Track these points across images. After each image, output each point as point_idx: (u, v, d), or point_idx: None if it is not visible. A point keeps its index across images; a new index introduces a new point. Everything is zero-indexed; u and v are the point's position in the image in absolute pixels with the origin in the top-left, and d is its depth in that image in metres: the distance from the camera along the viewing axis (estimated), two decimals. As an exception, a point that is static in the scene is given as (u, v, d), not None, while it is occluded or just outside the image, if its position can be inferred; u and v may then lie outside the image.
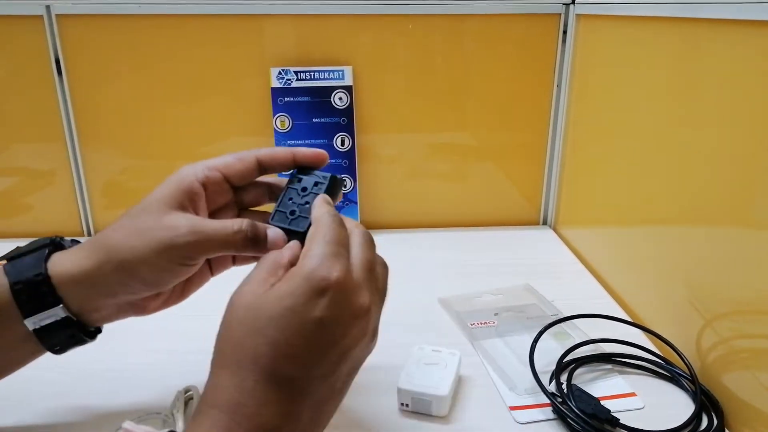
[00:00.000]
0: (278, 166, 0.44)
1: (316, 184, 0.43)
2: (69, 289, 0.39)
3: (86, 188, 0.83)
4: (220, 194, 0.44)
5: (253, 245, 0.40)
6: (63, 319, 0.39)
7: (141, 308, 0.43)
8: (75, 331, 0.40)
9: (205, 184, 0.42)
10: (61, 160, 0.81)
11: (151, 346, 0.56)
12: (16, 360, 0.42)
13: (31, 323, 0.39)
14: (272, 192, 0.46)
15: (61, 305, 0.39)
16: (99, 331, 0.43)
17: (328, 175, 0.43)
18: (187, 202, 0.41)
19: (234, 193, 0.45)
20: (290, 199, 0.43)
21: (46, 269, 0.39)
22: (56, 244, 0.41)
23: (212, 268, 0.46)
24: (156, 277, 0.40)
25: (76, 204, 0.83)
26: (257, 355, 0.33)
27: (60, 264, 0.39)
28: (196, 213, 0.41)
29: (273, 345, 0.33)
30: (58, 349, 0.41)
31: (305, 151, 0.44)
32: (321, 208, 0.40)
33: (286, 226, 0.42)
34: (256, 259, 0.44)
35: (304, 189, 0.43)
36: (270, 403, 0.32)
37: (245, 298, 0.35)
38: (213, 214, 0.44)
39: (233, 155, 0.43)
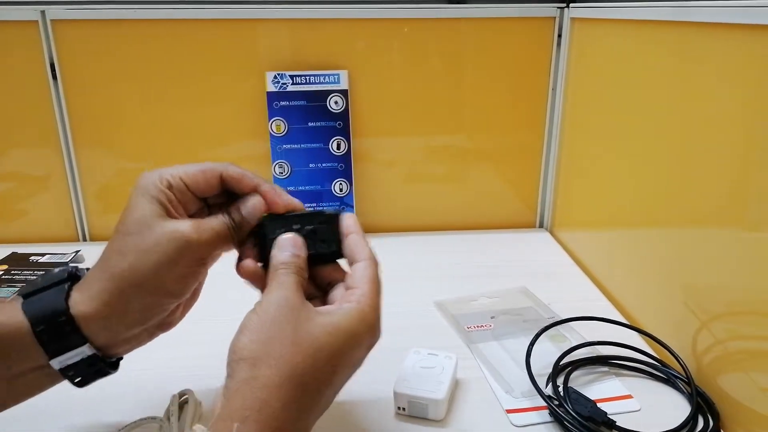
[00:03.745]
0: (240, 191, 0.44)
1: (323, 241, 0.43)
2: (95, 326, 0.38)
3: (81, 193, 0.83)
4: (186, 202, 0.42)
5: (239, 234, 0.42)
6: (89, 356, 0.39)
7: (168, 324, 0.43)
8: (101, 366, 0.40)
9: (170, 189, 0.41)
10: (55, 165, 0.81)
11: (152, 351, 0.56)
12: (36, 388, 0.41)
13: (57, 363, 0.38)
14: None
15: (87, 344, 0.38)
16: (120, 358, 0.43)
17: (336, 249, 0.43)
18: (169, 207, 0.40)
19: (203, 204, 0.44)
20: (295, 226, 0.42)
21: (68, 308, 0.38)
22: (73, 277, 0.40)
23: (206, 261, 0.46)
24: (181, 285, 0.40)
25: (71, 209, 0.83)
26: (315, 380, 0.35)
27: (82, 303, 0.38)
28: (173, 212, 0.41)
29: (329, 377, 0.36)
30: (82, 382, 0.40)
31: (268, 194, 0.43)
32: (365, 246, 0.42)
33: (269, 237, 0.41)
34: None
35: (313, 232, 0.43)
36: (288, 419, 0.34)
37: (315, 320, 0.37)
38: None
39: (197, 165, 0.43)
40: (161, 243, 0.38)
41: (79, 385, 0.40)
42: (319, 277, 0.43)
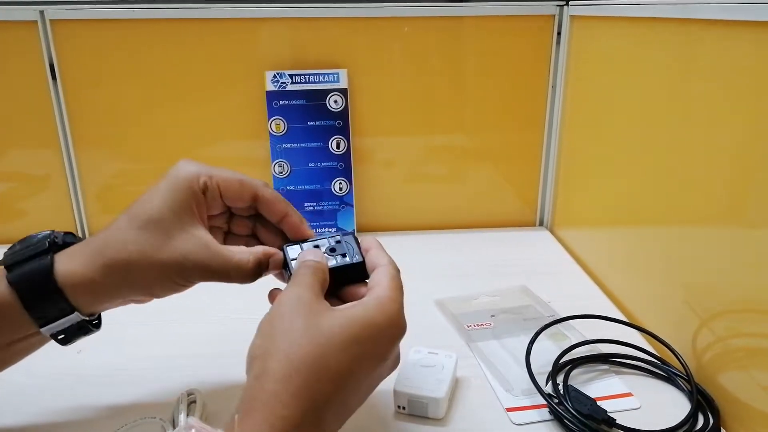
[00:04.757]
0: (269, 214, 0.45)
1: (344, 255, 0.43)
2: (80, 295, 0.39)
3: (81, 193, 0.83)
4: (213, 205, 0.44)
5: (253, 277, 0.42)
6: (78, 322, 0.40)
7: (143, 301, 0.44)
8: (85, 325, 0.41)
9: (203, 191, 0.42)
10: (55, 165, 0.81)
11: (151, 351, 0.56)
12: (24, 349, 0.42)
13: (48, 330, 0.40)
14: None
15: (76, 312, 0.40)
16: (100, 318, 0.44)
17: (360, 260, 0.43)
18: (195, 208, 0.41)
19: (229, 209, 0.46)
20: (317, 245, 0.43)
21: (56, 281, 0.38)
22: (53, 244, 0.41)
23: None
24: (164, 291, 0.42)
25: (70, 209, 0.83)
26: (318, 380, 0.34)
27: (69, 274, 0.39)
28: (200, 217, 0.42)
29: (347, 367, 0.35)
30: (66, 340, 0.42)
31: (294, 222, 0.45)
32: (385, 254, 0.42)
33: (289, 259, 0.43)
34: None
35: (333, 250, 0.43)
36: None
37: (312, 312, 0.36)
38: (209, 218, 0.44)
39: (237, 175, 0.43)
40: (163, 253, 0.39)
41: (63, 342, 0.42)
42: (346, 296, 0.43)
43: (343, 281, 0.42)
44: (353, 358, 0.35)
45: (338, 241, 0.44)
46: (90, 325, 0.42)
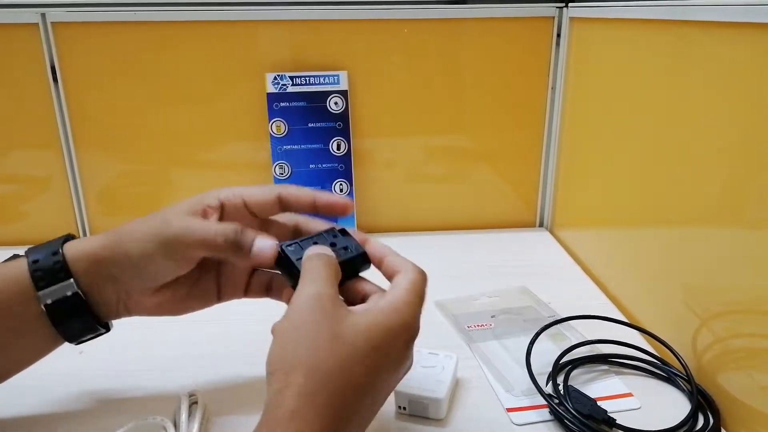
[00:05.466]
0: (299, 206, 0.45)
1: (346, 248, 0.43)
2: (79, 265, 0.41)
3: (82, 194, 0.83)
4: (241, 220, 0.44)
5: (234, 251, 0.41)
6: (74, 297, 0.41)
7: (136, 303, 0.44)
8: (88, 318, 0.42)
9: (224, 204, 0.43)
10: (56, 167, 0.81)
11: (152, 352, 0.56)
12: (34, 347, 0.43)
13: (44, 295, 0.40)
14: (297, 233, 0.47)
15: (71, 279, 0.41)
16: (109, 323, 0.45)
17: (362, 250, 0.43)
18: (199, 211, 0.42)
19: (261, 223, 0.46)
20: (315, 242, 0.43)
21: (62, 248, 0.42)
22: (71, 237, 0.44)
23: (221, 293, 0.47)
24: (152, 269, 0.42)
25: (72, 210, 0.83)
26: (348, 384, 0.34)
27: (74, 245, 0.42)
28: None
29: (368, 379, 0.35)
30: (73, 336, 0.43)
31: (326, 198, 0.45)
32: (404, 260, 0.42)
33: (294, 258, 0.41)
34: (268, 293, 0.48)
35: (333, 245, 0.43)
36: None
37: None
38: None
39: (258, 186, 0.45)
40: (152, 222, 0.41)
41: (71, 340, 0.43)
42: (352, 292, 0.42)
43: (348, 275, 0.42)
44: (375, 368, 0.35)
45: (335, 236, 0.44)
46: (95, 321, 0.43)
